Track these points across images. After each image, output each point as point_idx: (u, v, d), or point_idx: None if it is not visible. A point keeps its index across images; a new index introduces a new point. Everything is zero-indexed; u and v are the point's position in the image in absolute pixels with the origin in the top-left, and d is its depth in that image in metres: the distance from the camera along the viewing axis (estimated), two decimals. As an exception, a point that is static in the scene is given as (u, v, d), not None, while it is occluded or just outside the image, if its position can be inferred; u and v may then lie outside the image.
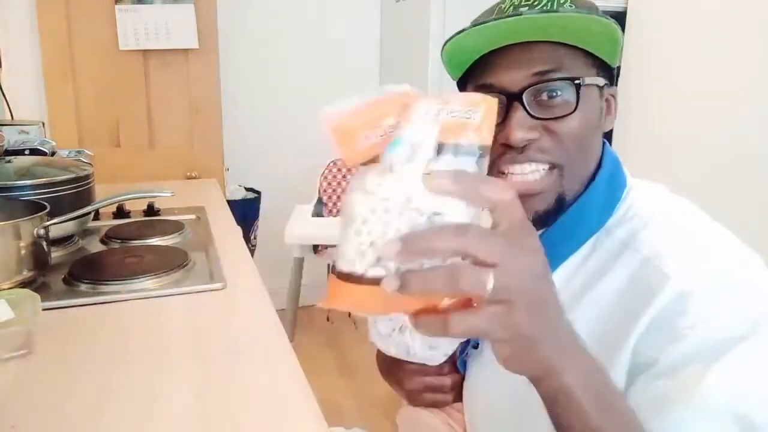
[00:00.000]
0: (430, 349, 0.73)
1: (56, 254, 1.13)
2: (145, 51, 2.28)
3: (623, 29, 2.04)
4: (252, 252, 2.60)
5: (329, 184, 2.94)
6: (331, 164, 2.92)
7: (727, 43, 1.64)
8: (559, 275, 0.62)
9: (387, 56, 3.01)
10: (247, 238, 2.43)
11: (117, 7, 2.21)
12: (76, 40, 2.21)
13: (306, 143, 2.96)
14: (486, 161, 0.41)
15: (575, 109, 0.59)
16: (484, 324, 0.38)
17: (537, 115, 0.59)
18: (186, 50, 2.32)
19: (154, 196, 1.47)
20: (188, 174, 2.36)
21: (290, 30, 2.88)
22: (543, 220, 0.63)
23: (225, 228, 1.44)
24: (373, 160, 0.41)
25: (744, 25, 1.59)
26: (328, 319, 2.91)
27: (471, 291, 0.37)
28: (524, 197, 0.56)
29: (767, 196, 1.55)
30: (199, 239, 1.31)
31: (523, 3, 0.60)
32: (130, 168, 2.19)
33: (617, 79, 1.96)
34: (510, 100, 0.60)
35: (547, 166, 0.61)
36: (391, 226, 0.38)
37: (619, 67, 1.99)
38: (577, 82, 0.59)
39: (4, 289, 0.90)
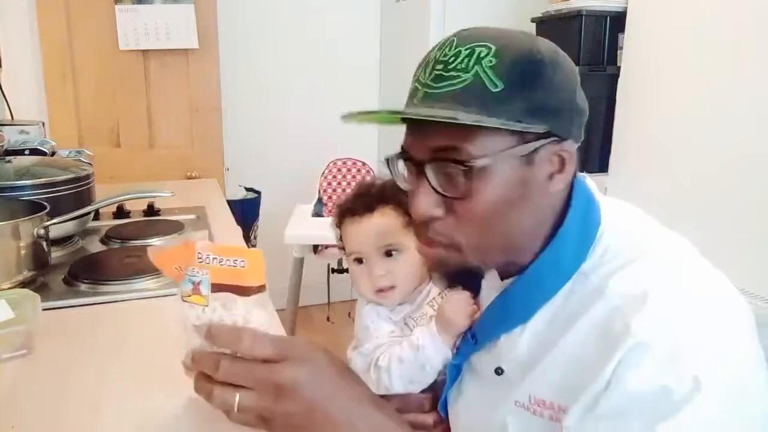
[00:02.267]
0: (410, 383, 0.73)
1: (56, 254, 1.13)
2: (145, 51, 2.28)
3: (623, 29, 2.03)
4: (252, 252, 2.59)
5: (329, 184, 2.94)
6: (331, 164, 2.92)
7: (727, 43, 1.64)
8: (537, 321, 0.61)
9: (387, 56, 3.01)
10: (247, 238, 2.43)
11: (117, 7, 2.21)
12: (76, 40, 2.21)
13: (306, 143, 2.97)
14: (266, 294, 0.54)
15: (478, 191, 0.55)
16: (239, 418, 0.52)
17: (439, 191, 0.57)
18: (186, 50, 2.32)
19: (154, 196, 1.47)
20: (188, 174, 2.36)
21: (290, 30, 2.88)
22: (463, 276, 0.65)
23: (225, 228, 1.44)
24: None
25: (744, 25, 1.59)
26: (328, 319, 2.91)
27: (220, 408, 0.51)
28: (430, 263, 0.64)
29: (767, 195, 1.55)
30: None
31: (437, 68, 0.56)
32: (130, 168, 2.19)
33: (617, 80, 1.94)
34: (417, 170, 0.59)
35: (454, 241, 0.59)
36: (192, 336, 0.55)
37: (619, 67, 1.98)
38: (467, 165, 0.54)
39: (4, 289, 0.90)
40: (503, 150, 0.55)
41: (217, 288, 0.54)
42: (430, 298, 0.79)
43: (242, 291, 0.53)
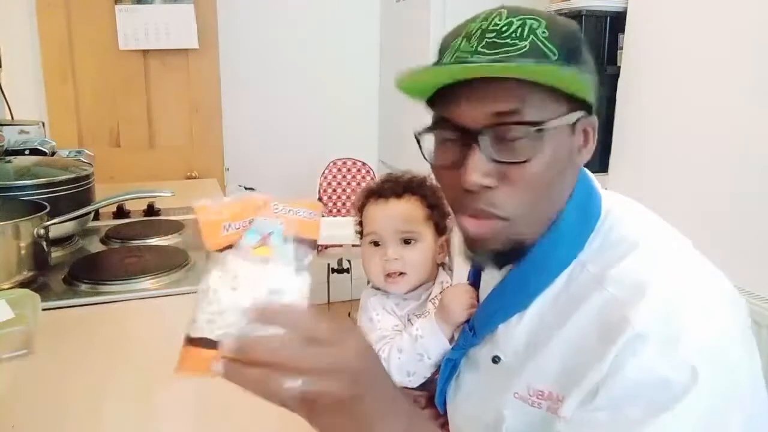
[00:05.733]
0: (407, 375, 0.73)
1: (56, 254, 1.13)
2: (145, 51, 2.28)
3: (623, 29, 2.03)
4: (252, 252, 2.60)
5: (329, 184, 2.94)
6: (331, 164, 2.92)
7: (727, 42, 1.64)
8: (534, 309, 0.61)
9: (387, 56, 3.01)
10: (247, 238, 2.43)
11: (117, 7, 2.21)
12: (76, 40, 2.21)
13: (306, 143, 2.97)
14: (314, 252, 0.51)
15: (536, 156, 0.55)
16: (290, 403, 0.48)
17: (495, 158, 0.55)
18: (186, 50, 2.32)
19: (154, 196, 1.47)
20: (188, 174, 2.36)
21: (290, 30, 2.88)
22: (502, 260, 0.61)
23: (225, 228, 1.44)
24: (230, 246, 0.51)
25: (744, 25, 1.59)
26: (328, 319, 2.91)
27: (269, 395, 0.46)
28: (476, 240, 0.59)
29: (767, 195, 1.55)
30: (199, 239, 1.30)
31: (488, 36, 0.55)
32: (130, 168, 2.20)
33: (617, 80, 1.94)
34: (468, 139, 0.56)
35: (498, 218, 0.57)
36: (237, 301, 0.47)
37: (619, 67, 1.98)
38: (540, 128, 0.54)
39: (4, 289, 0.90)
40: (559, 116, 0.56)
41: (286, 240, 0.51)
42: (433, 295, 0.81)
43: (311, 244, 0.52)
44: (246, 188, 2.76)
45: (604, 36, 2.05)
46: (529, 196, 0.57)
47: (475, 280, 0.73)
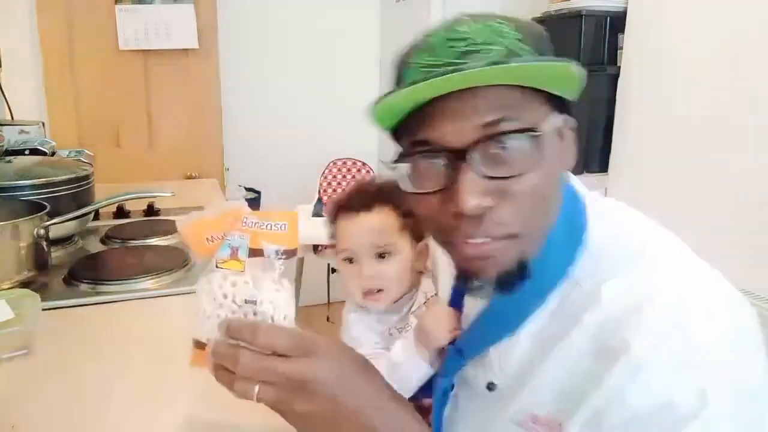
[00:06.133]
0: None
1: (56, 254, 1.13)
2: (145, 51, 2.28)
3: (623, 29, 2.02)
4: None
5: (329, 184, 2.94)
6: (331, 164, 2.92)
7: (727, 42, 1.64)
8: (528, 331, 0.58)
9: (387, 56, 3.01)
10: (247, 238, 2.43)
11: (117, 7, 2.21)
12: (76, 40, 2.21)
13: (306, 143, 2.97)
14: (295, 259, 0.55)
15: (536, 165, 0.50)
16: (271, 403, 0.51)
17: (490, 175, 0.49)
18: (186, 50, 2.32)
19: (154, 196, 1.47)
20: (188, 174, 2.36)
21: (290, 30, 2.88)
22: (506, 284, 0.55)
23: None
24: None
25: (744, 25, 1.59)
26: (328, 319, 2.90)
27: (240, 397, 0.50)
28: (483, 260, 0.53)
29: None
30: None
31: (456, 45, 0.50)
32: (130, 168, 2.19)
33: (617, 80, 1.94)
34: (455, 159, 0.50)
35: (509, 231, 0.52)
36: (217, 310, 0.54)
37: (619, 67, 1.97)
38: (535, 133, 0.49)
39: (4, 289, 0.90)
40: (547, 120, 0.51)
41: (254, 253, 0.55)
42: (415, 308, 0.77)
43: (285, 254, 0.56)
44: (246, 188, 2.76)
45: (604, 36, 2.05)
46: (535, 209, 0.52)
47: (455, 302, 0.69)
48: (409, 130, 0.54)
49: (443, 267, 0.74)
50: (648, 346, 0.48)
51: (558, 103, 0.53)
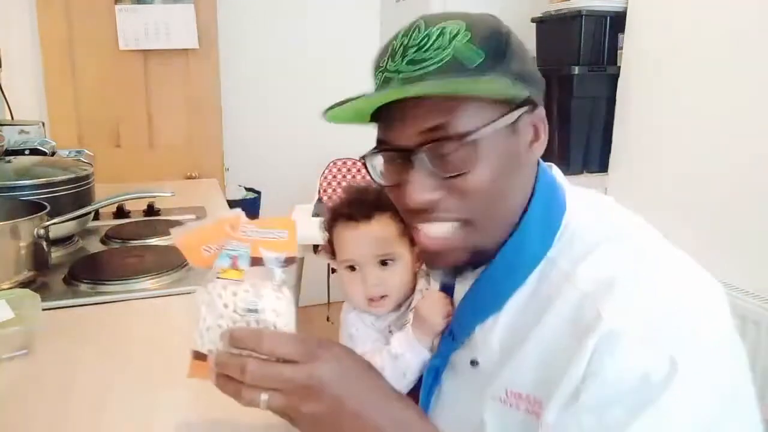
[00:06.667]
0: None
1: (56, 254, 1.13)
2: (145, 51, 2.28)
3: (623, 29, 2.02)
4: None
5: (329, 184, 2.94)
6: (331, 164, 2.92)
7: (728, 42, 1.64)
8: (508, 310, 0.61)
9: (387, 56, 3.01)
10: (247, 238, 2.43)
11: (117, 7, 2.21)
12: (76, 40, 2.21)
13: (306, 143, 2.96)
14: (295, 266, 0.56)
15: (476, 165, 0.54)
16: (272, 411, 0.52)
17: (435, 173, 0.55)
18: (186, 50, 2.32)
19: (154, 196, 1.47)
20: (188, 174, 2.36)
21: (290, 30, 2.87)
22: (460, 273, 0.62)
23: (225, 228, 1.44)
24: (211, 266, 0.56)
25: (744, 25, 1.59)
26: (327, 319, 2.90)
27: (247, 405, 0.51)
28: (436, 253, 0.59)
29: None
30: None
31: (409, 52, 0.55)
32: (130, 168, 2.19)
33: (617, 80, 1.94)
34: (404, 158, 0.56)
35: (457, 223, 0.57)
36: (218, 320, 0.53)
37: (619, 67, 1.97)
38: (468, 138, 0.53)
39: (4, 289, 0.90)
40: (493, 121, 0.55)
41: (253, 262, 0.55)
42: (413, 305, 0.77)
43: (284, 262, 0.56)
44: (246, 188, 2.76)
45: (604, 36, 2.05)
46: (480, 202, 0.56)
47: (445, 287, 0.71)
48: (379, 125, 0.60)
49: None
50: (621, 318, 0.51)
51: (519, 101, 0.56)
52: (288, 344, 0.51)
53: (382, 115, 0.59)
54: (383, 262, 0.75)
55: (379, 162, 0.61)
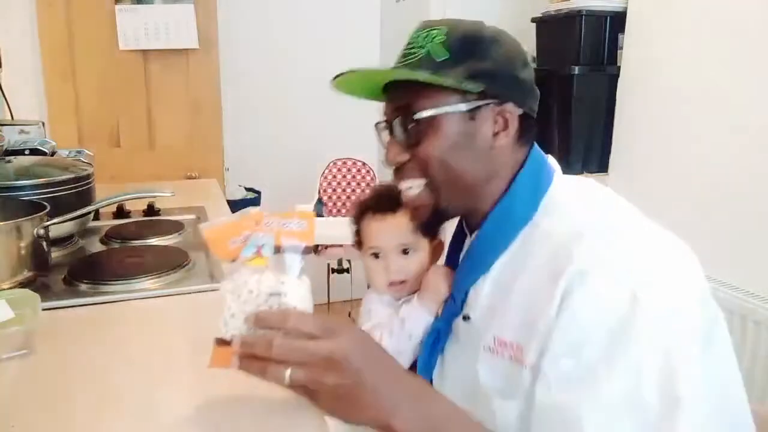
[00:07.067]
0: (398, 354, 0.76)
1: (56, 254, 1.13)
2: (145, 51, 2.28)
3: (623, 29, 2.02)
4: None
5: (329, 184, 2.94)
6: (331, 164, 2.92)
7: (728, 42, 1.64)
8: (496, 269, 0.70)
9: (387, 56, 3.01)
10: (247, 238, 2.43)
11: (117, 7, 2.21)
12: (76, 40, 2.21)
13: (306, 143, 2.97)
14: (310, 255, 0.59)
15: (421, 140, 0.68)
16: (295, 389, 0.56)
17: (400, 142, 0.71)
18: (186, 50, 2.32)
19: (154, 196, 1.47)
20: (188, 174, 2.36)
21: (290, 30, 2.88)
22: (428, 228, 0.77)
23: (225, 228, 1.44)
24: (236, 258, 0.60)
25: (744, 25, 1.59)
26: (328, 319, 2.91)
27: (272, 382, 0.55)
28: (411, 209, 0.74)
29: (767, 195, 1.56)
30: (200, 239, 1.30)
31: (406, 47, 0.71)
32: (130, 168, 2.19)
33: (617, 80, 1.94)
34: (386, 129, 0.73)
35: (422, 182, 0.71)
36: (243, 306, 0.57)
37: (619, 67, 1.98)
38: (415, 117, 0.68)
39: (4, 289, 0.90)
40: (447, 105, 0.68)
41: (277, 250, 0.60)
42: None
43: (303, 251, 0.61)
44: (246, 188, 2.76)
45: (604, 36, 2.05)
46: (437, 168, 0.69)
47: (448, 262, 0.82)
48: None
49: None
50: (589, 259, 0.59)
51: (478, 95, 0.68)
52: (311, 322, 0.56)
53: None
54: (404, 251, 0.84)
55: (382, 132, 0.76)
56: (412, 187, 0.72)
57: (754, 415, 0.62)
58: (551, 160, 0.76)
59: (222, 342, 0.58)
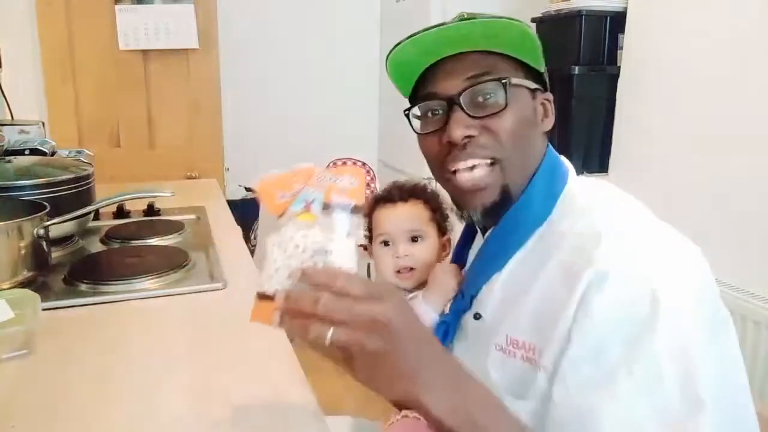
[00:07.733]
0: None
1: (56, 254, 1.13)
2: (145, 51, 2.28)
3: (623, 29, 2.03)
4: (252, 252, 2.60)
5: (329, 184, 2.93)
6: (331, 164, 2.92)
7: (728, 42, 1.64)
8: (509, 268, 0.69)
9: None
10: (247, 238, 2.43)
11: (117, 7, 2.21)
12: (76, 40, 2.21)
13: (306, 143, 2.97)
14: (360, 214, 0.58)
15: (506, 106, 0.66)
16: (332, 354, 0.55)
17: (473, 114, 0.67)
18: (186, 50, 2.32)
19: (154, 196, 1.47)
20: (188, 174, 2.36)
21: (290, 30, 2.87)
22: (492, 213, 0.70)
23: (225, 228, 1.44)
24: (284, 212, 0.59)
25: (744, 25, 1.59)
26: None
27: (314, 341, 0.51)
28: (472, 192, 0.69)
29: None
30: (199, 239, 1.31)
31: (461, 18, 0.68)
32: (130, 168, 2.19)
33: (617, 80, 1.94)
34: (449, 105, 0.68)
35: (488, 161, 0.67)
36: (288, 261, 0.55)
37: (619, 67, 1.98)
38: (504, 81, 0.66)
39: (4, 289, 0.90)
40: (520, 78, 0.68)
41: (326, 207, 0.58)
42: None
43: (353, 209, 0.59)
44: (246, 188, 2.75)
45: (604, 36, 2.05)
46: (509, 141, 0.67)
47: (457, 259, 0.82)
48: (419, 89, 0.73)
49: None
50: (607, 261, 0.58)
51: (532, 76, 0.70)
52: (359, 283, 0.54)
53: (426, 75, 0.72)
54: (413, 239, 0.87)
55: (418, 113, 0.73)
56: (477, 166, 0.68)
57: (757, 416, 0.62)
58: (565, 161, 0.75)
59: (263, 297, 0.56)
